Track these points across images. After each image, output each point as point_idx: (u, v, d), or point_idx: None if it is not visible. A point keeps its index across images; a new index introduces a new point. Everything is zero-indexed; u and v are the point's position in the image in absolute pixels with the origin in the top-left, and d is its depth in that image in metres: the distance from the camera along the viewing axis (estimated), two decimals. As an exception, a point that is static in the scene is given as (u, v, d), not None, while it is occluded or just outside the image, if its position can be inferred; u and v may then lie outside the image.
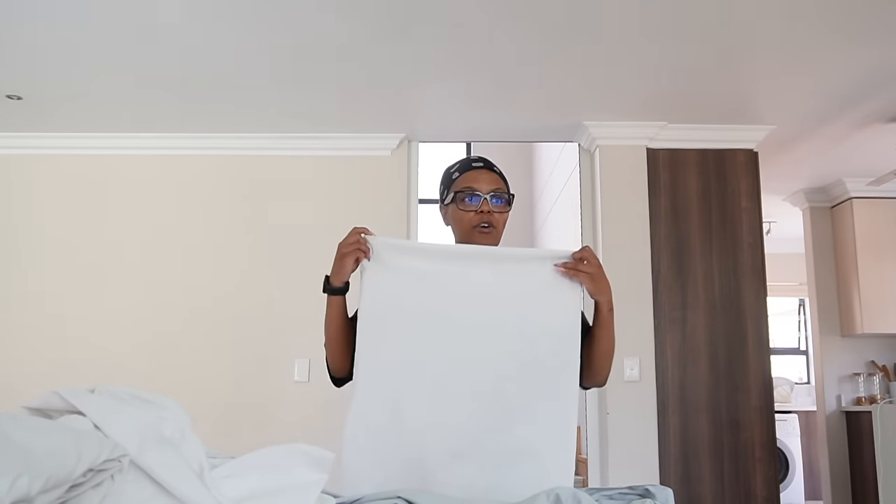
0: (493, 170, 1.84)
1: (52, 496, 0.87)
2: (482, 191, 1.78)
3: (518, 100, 3.83)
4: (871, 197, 5.24)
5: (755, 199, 4.14)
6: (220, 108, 3.94)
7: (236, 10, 2.99)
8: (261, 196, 4.28)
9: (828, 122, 4.13)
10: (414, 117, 4.06)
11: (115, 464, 0.94)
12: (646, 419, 3.91)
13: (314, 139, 4.26)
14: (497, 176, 1.83)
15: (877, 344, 5.46)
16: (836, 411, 5.38)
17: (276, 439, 3.50)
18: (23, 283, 4.19)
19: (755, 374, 3.97)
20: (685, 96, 3.79)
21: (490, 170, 1.83)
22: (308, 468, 1.12)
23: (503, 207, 1.81)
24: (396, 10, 2.98)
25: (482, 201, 1.78)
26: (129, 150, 4.31)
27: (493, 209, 1.78)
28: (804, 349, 7.75)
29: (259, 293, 4.16)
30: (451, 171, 1.87)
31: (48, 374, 4.03)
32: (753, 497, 3.87)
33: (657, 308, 4.01)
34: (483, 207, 1.77)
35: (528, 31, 3.13)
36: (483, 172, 1.81)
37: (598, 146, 4.17)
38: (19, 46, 3.27)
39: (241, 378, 4.07)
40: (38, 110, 3.96)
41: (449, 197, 1.83)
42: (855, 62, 3.41)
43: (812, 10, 2.97)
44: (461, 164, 1.86)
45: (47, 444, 0.86)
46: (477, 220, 1.78)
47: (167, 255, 4.21)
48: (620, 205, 4.11)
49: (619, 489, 1.37)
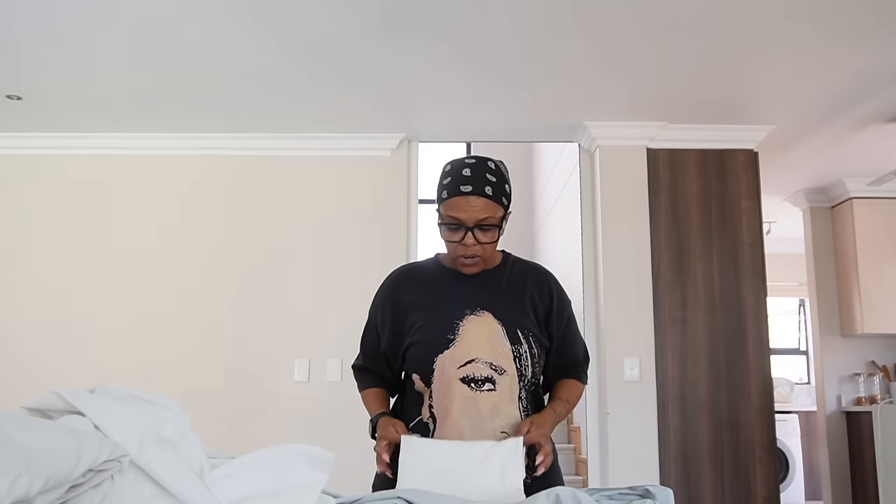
0: (484, 192, 1.69)
1: (52, 496, 0.87)
2: (467, 222, 1.70)
3: (518, 100, 3.83)
4: (871, 197, 5.24)
5: (755, 199, 4.14)
6: (220, 109, 3.94)
7: (236, 11, 2.99)
8: (261, 196, 4.28)
9: (828, 122, 4.13)
10: (414, 117, 4.05)
11: (114, 464, 0.94)
12: (646, 419, 3.90)
13: (314, 139, 4.26)
14: (487, 200, 1.70)
15: (877, 344, 5.45)
16: (836, 411, 5.38)
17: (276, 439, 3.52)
18: (22, 284, 4.18)
19: (755, 375, 3.97)
20: (685, 96, 3.79)
21: (480, 194, 1.69)
22: (308, 468, 1.12)
23: (492, 234, 1.74)
24: (396, 10, 2.98)
25: (466, 234, 1.71)
26: (129, 151, 4.31)
27: (478, 240, 1.72)
28: (804, 349, 7.75)
29: (259, 293, 4.16)
30: (443, 181, 1.76)
31: (48, 374, 4.03)
32: (753, 497, 3.86)
33: (657, 308, 4.01)
34: (467, 241, 1.71)
35: (528, 30, 3.13)
36: (470, 200, 1.69)
37: (598, 146, 4.17)
38: (19, 46, 3.27)
39: (242, 378, 4.07)
40: (38, 110, 3.96)
41: (437, 213, 1.77)
42: (855, 62, 3.41)
43: (812, 11, 2.97)
44: (451, 180, 1.72)
45: (47, 444, 0.86)
46: (461, 252, 1.74)
47: (167, 255, 4.21)
48: (620, 205, 4.11)
49: (619, 489, 1.37)
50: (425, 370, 1.78)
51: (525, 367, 1.78)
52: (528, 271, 1.91)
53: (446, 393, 1.75)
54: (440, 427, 1.76)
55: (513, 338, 1.77)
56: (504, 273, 1.87)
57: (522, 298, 1.84)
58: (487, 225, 1.71)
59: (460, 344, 1.76)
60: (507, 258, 1.92)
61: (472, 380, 1.75)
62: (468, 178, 1.71)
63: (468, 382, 1.74)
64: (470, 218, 1.70)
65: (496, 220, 1.72)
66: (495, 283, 1.85)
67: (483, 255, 1.76)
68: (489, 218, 1.71)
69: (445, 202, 1.73)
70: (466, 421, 1.73)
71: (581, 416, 4.83)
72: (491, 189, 1.71)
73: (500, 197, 1.73)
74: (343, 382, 4.00)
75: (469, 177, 1.71)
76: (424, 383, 1.79)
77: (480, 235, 1.72)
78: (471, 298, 1.81)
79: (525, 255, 2.10)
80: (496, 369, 1.75)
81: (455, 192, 1.71)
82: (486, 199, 1.70)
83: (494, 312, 1.79)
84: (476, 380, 1.75)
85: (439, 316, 1.79)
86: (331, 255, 4.18)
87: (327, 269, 4.18)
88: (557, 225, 6.31)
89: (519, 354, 1.77)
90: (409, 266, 1.98)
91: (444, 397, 1.76)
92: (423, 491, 1.31)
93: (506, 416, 1.75)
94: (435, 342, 1.77)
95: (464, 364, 1.75)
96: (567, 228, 5.53)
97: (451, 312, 1.79)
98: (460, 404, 1.74)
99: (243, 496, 1.04)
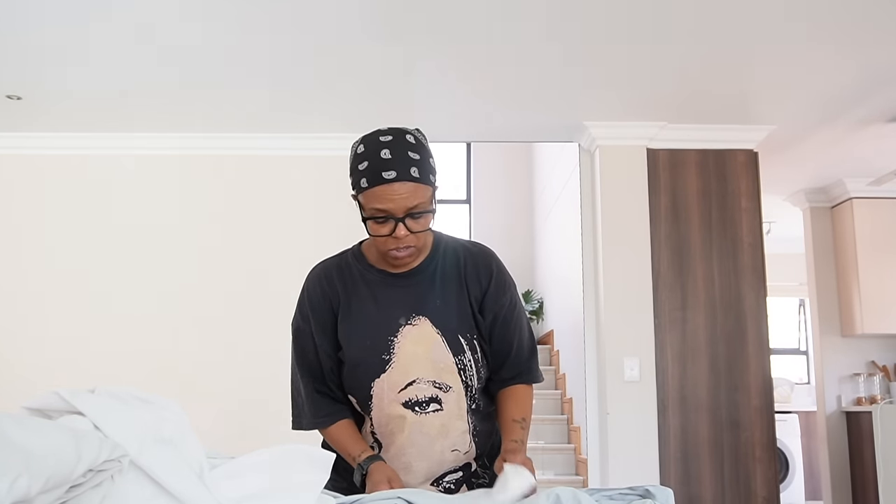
0: (410, 175, 1.46)
1: (52, 496, 0.87)
2: (396, 213, 1.47)
3: (518, 100, 3.83)
4: (871, 197, 5.24)
5: (755, 199, 4.14)
6: (220, 109, 3.94)
7: (236, 11, 2.99)
8: (260, 196, 4.27)
9: (828, 122, 4.13)
10: (414, 117, 4.05)
11: (114, 464, 0.94)
12: (646, 419, 3.90)
13: (314, 139, 4.26)
14: (414, 184, 1.46)
15: (877, 344, 5.45)
16: (836, 411, 5.37)
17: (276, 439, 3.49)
18: (24, 284, 4.18)
19: (755, 374, 3.97)
20: (685, 96, 3.79)
21: (405, 179, 1.45)
22: (308, 468, 1.12)
23: (425, 220, 1.51)
24: (396, 10, 2.98)
25: (396, 225, 1.47)
26: (130, 151, 4.30)
27: (410, 230, 1.48)
28: (804, 349, 7.75)
29: (259, 293, 4.15)
30: (358, 168, 1.50)
31: (48, 374, 4.02)
32: (753, 497, 3.86)
33: (657, 308, 4.01)
34: (398, 232, 1.48)
35: (528, 31, 3.13)
36: (396, 187, 1.45)
37: (598, 146, 4.17)
38: (19, 46, 3.26)
39: (241, 378, 4.06)
40: (38, 110, 3.96)
41: (358, 206, 1.55)
42: (855, 62, 3.41)
43: (812, 11, 2.97)
44: (370, 165, 1.47)
45: (47, 444, 0.86)
46: (392, 245, 1.51)
47: (167, 255, 4.20)
48: (620, 205, 4.11)
49: (620, 489, 1.36)
50: (362, 396, 1.60)
51: (471, 377, 1.60)
52: (462, 253, 1.66)
53: (388, 420, 1.58)
54: (385, 453, 1.60)
55: (455, 347, 1.58)
56: (436, 263, 1.63)
57: (460, 290, 1.62)
58: (418, 212, 1.48)
59: (398, 365, 1.56)
60: (439, 242, 1.66)
61: (415, 403, 1.57)
62: (389, 162, 1.46)
63: (411, 406, 1.57)
64: (398, 208, 1.46)
65: (427, 203, 1.49)
66: (429, 278, 1.62)
67: (417, 245, 1.53)
68: (419, 204, 1.48)
69: (366, 192, 1.49)
70: (412, 448, 1.59)
71: (581, 416, 4.82)
72: (417, 170, 1.47)
73: (427, 176, 1.49)
74: (343, 382, 4.00)
75: (390, 160, 1.46)
76: (361, 409, 1.62)
77: (412, 224, 1.48)
78: (404, 303, 1.59)
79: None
80: (440, 387, 1.57)
81: (376, 179, 1.46)
82: (414, 183, 1.46)
83: (432, 318, 1.58)
84: (420, 402, 1.57)
85: (371, 332, 1.58)
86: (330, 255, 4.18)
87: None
88: (557, 225, 6.31)
89: (463, 366, 1.59)
90: (331, 263, 1.71)
91: (385, 424, 1.59)
92: (424, 492, 1.31)
93: (454, 433, 1.61)
94: (369, 365, 1.57)
95: (404, 387, 1.56)
96: (567, 228, 5.53)
97: (384, 326, 1.58)
98: (406, 430, 1.57)
99: (243, 496, 1.04)
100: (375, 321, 1.59)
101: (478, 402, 1.65)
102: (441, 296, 1.61)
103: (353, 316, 1.61)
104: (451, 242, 1.68)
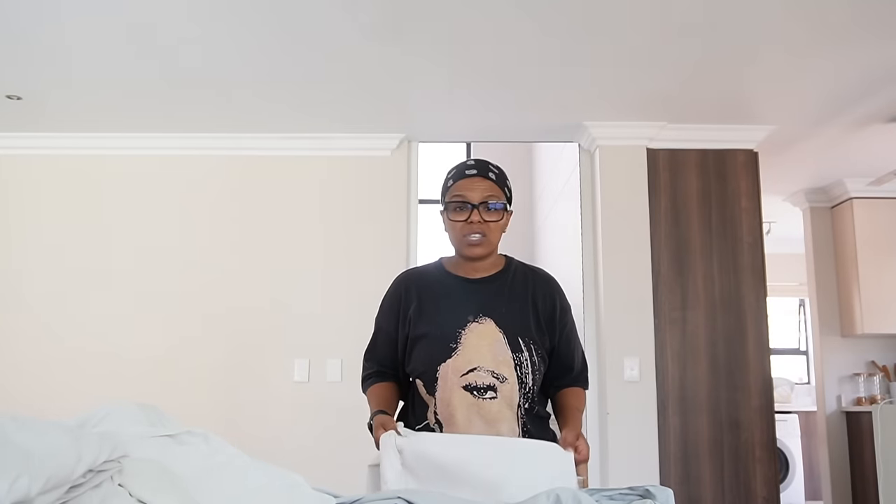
0: (488, 176, 1.82)
1: (52, 497, 0.86)
2: (473, 200, 1.79)
3: (518, 100, 3.83)
4: (871, 197, 5.24)
5: (755, 199, 4.14)
6: (220, 109, 3.93)
7: (236, 11, 2.99)
8: (261, 196, 4.28)
9: (828, 122, 4.13)
10: (414, 117, 4.05)
11: (114, 464, 0.94)
12: (646, 419, 3.90)
13: (314, 139, 4.26)
14: (491, 182, 1.81)
15: (877, 344, 5.45)
16: (836, 411, 5.37)
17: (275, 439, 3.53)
18: (21, 285, 4.18)
19: (755, 374, 3.97)
20: (685, 96, 3.79)
21: (484, 176, 1.81)
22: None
23: (497, 215, 1.81)
24: (396, 10, 2.98)
25: (472, 211, 1.78)
26: (129, 151, 4.31)
27: (484, 219, 1.79)
28: (804, 349, 7.75)
29: (259, 293, 4.16)
30: (447, 176, 1.87)
31: (46, 376, 4.02)
32: (753, 497, 3.86)
33: (657, 308, 4.01)
34: (473, 218, 1.78)
35: (529, 31, 3.13)
36: (476, 181, 1.80)
37: (598, 146, 4.17)
38: (19, 46, 3.26)
39: (241, 378, 4.07)
40: (38, 110, 3.96)
41: (443, 205, 1.84)
42: (854, 62, 3.41)
43: (812, 11, 2.97)
44: (456, 170, 1.85)
45: (47, 444, 0.86)
46: (467, 231, 1.80)
47: (167, 256, 4.21)
48: (620, 205, 4.11)
49: (620, 489, 1.37)
50: (429, 378, 1.81)
51: (525, 374, 1.80)
52: (531, 276, 1.93)
53: (450, 401, 1.78)
54: (447, 433, 1.79)
55: (514, 346, 1.80)
56: (507, 278, 1.90)
57: (525, 304, 1.87)
58: (492, 203, 1.79)
59: (462, 353, 1.79)
60: (510, 263, 1.94)
61: (474, 388, 1.78)
62: (472, 166, 1.84)
63: (471, 390, 1.77)
64: (475, 196, 1.79)
65: (501, 201, 1.81)
66: (498, 288, 1.87)
67: (488, 235, 1.80)
68: (493, 197, 1.80)
69: (451, 188, 1.83)
70: (471, 428, 1.77)
71: (581, 416, 4.82)
72: (494, 176, 1.83)
73: (503, 184, 1.84)
74: (343, 382, 4.00)
75: (473, 164, 1.84)
76: (428, 391, 1.82)
77: (486, 214, 1.79)
78: (474, 304, 1.83)
79: (525, 255, 2.12)
80: (498, 377, 1.78)
81: (460, 176, 1.83)
82: (491, 182, 1.81)
83: (496, 319, 1.82)
84: (479, 388, 1.78)
85: (442, 324, 1.82)
86: (330, 255, 4.18)
87: (327, 268, 4.18)
88: (557, 225, 6.30)
89: (520, 362, 1.80)
90: (414, 270, 2.02)
91: (447, 405, 1.79)
92: (424, 491, 1.31)
93: (507, 423, 1.79)
94: (438, 351, 1.80)
95: (466, 372, 1.78)
96: (567, 228, 5.52)
97: (454, 321, 1.82)
98: (464, 411, 1.77)
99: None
100: (448, 316, 1.83)
101: (532, 402, 1.84)
102: (507, 305, 1.85)
103: (431, 310, 1.86)
104: (520, 266, 1.96)
